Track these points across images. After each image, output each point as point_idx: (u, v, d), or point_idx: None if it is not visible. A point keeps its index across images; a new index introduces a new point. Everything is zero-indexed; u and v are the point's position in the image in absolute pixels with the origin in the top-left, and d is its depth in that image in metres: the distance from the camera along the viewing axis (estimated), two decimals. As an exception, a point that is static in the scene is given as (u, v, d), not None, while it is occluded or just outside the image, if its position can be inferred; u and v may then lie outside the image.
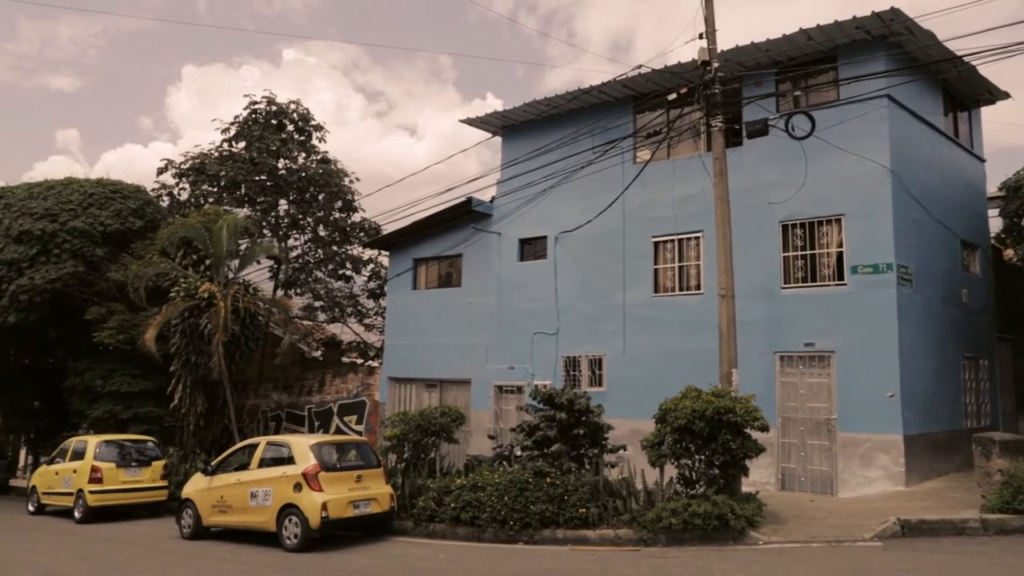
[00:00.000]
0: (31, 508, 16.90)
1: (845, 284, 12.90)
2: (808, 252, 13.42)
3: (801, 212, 13.38)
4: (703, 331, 13.49)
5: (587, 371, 15.56)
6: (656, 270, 15.13)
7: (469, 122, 17.69)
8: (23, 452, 27.71)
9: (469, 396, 17.18)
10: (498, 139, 18.00)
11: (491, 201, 17.59)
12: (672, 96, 12.91)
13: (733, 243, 12.09)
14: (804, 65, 13.61)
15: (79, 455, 15.92)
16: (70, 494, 15.54)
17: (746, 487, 11.13)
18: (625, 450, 12.41)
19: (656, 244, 15.16)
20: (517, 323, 16.61)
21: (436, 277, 19.00)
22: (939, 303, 13.92)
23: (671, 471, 10.89)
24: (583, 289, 15.87)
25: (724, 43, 12.84)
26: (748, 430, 10.38)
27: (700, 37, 12.17)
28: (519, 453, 12.92)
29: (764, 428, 10.36)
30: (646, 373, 14.41)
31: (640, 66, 14.19)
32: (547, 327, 16.14)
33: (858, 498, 11.99)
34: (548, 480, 11.12)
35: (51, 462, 16.99)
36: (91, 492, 15.11)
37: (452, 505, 11.53)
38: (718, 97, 11.95)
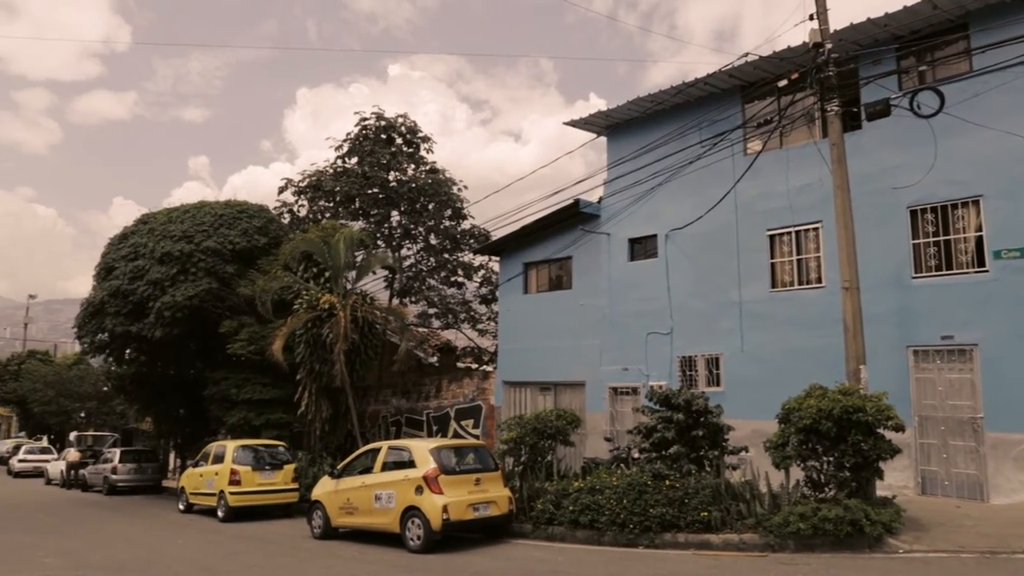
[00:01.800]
0: (181, 507, 18.27)
1: (987, 271, 11.91)
2: (941, 238, 12.49)
3: (932, 195, 12.48)
4: (826, 326, 12.84)
5: (704, 371, 15.14)
6: (773, 264, 14.54)
7: (573, 124, 17.64)
8: (172, 455, 29.99)
9: (584, 398, 17.09)
10: (603, 139, 17.85)
11: (598, 202, 17.46)
12: (783, 82, 12.38)
13: (856, 232, 11.44)
14: (929, 37, 12.69)
15: (219, 459, 17.06)
16: (213, 495, 16.68)
17: (881, 491, 10.48)
18: (747, 451, 11.98)
19: (772, 237, 14.56)
20: (630, 324, 16.39)
21: (547, 280, 19.04)
22: (1099, 287, 12.59)
23: (797, 473, 10.42)
24: (696, 287, 15.47)
25: (837, 22, 12.20)
26: (880, 430, 9.77)
27: (811, 18, 11.62)
28: (636, 455, 12.74)
29: (899, 428, 9.71)
30: (766, 372, 13.86)
31: (747, 54, 13.70)
32: (660, 327, 15.83)
33: (1014, 505, 11.01)
34: (667, 483, 10.91)
35: (196, 465, 18.32)
36: (231, 493, 16.15)
37: (570, 508, 11.50)
38: (833, 80, 11.34)
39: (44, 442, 41.30)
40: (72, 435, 37.99)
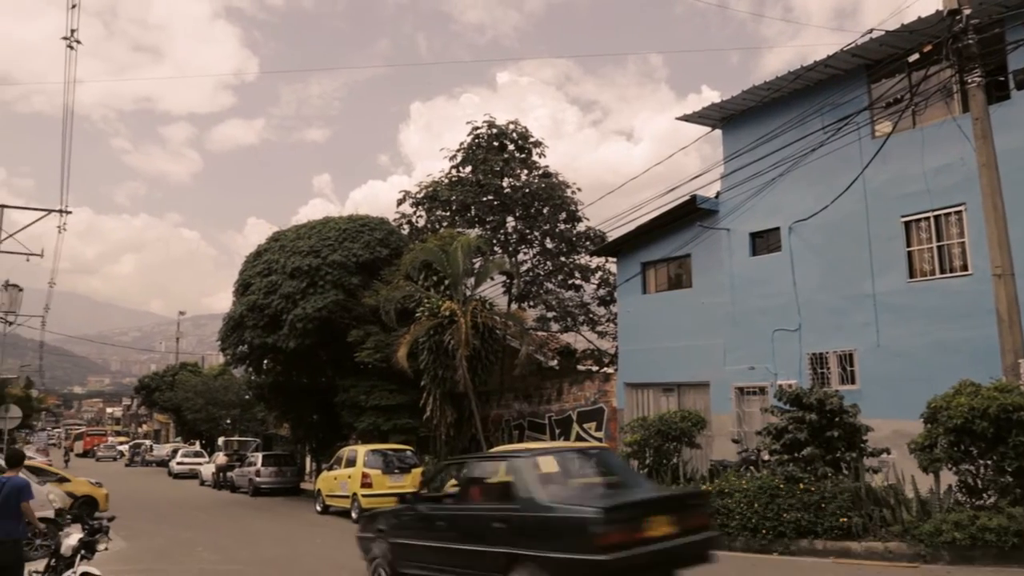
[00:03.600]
0: (318, 508, 19.23)
1: None
2: (1110, 215, 11.21)
3: (1096, 168, 11.24)
4: (974, 317, 11.83)
5: (836, 368, 14.33)
6: (910, 252, 13.56)
7: (686, 118, 17.21)
8: (308, 459, 31.63)
9: (708, 399, 16.60)
10: (718, 132, 17.29)
11: (716, 197, 16.93)
12: (913, 57, 11.54)
13: (1007, 213, 10.48)
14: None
15: (351, 463, 17.83)
16: (347, 497, 17.45)
17: (1049, 496, 9.51)
18: (888, 453, 11.24)
19: (907, 224, 13.59)
20: (754, 321, 15.77)
21: (665, 279, 18.65)
22: None
23: (948, 478, 9.65)
24: (824, 280, 14.67)
25: (976, -13, 11.22)
26: (1047, 430, 8.88)
27: (944, -15, 10.76)
28: (766, 457, 12.25)
29: (1068, 427, 8.79)
30: (907, 368, 12.93)
31: (871, 30, 12.84)
32: (787, 323, 15.13)
33: None
34: (801, 486, 10.41)
35: (330, 468, 19.22)
36: (363, 496, 16.83)
37: (698, 512, 11.18)
38: (973, 48, 10.46)
39: (197, 446, 44.71)
40: (220, 440, 40.90)
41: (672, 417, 14.00)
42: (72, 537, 7.39)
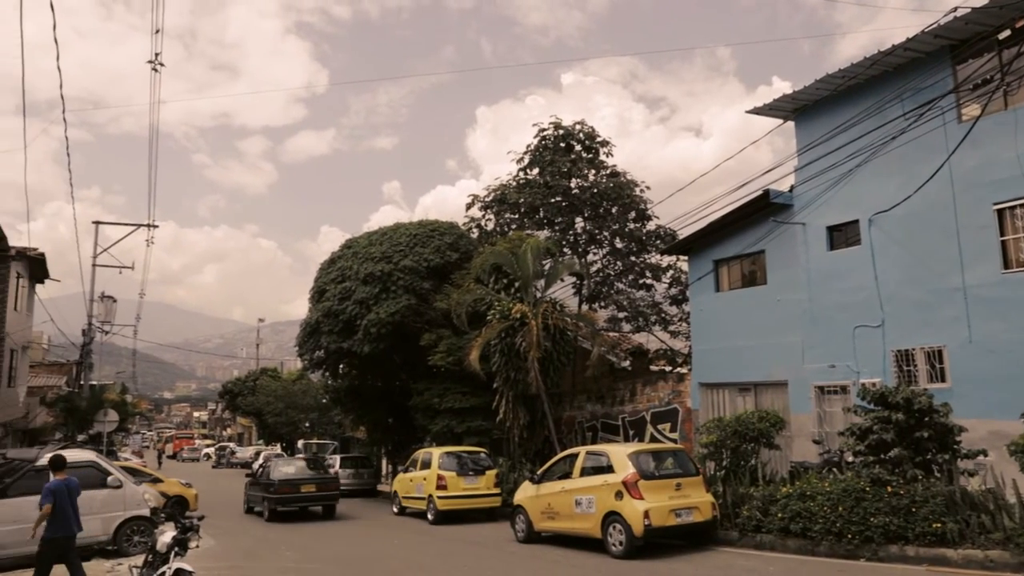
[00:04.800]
0: (395, 510, 19.57)
1: None
2: None
3: None
4: (1079, 309, 11.10)
5: (924, 365, 13.68)
6: (1004, 242, 12.84)
7: (756, 111, 16.77)
8: (384, 461, 32.23)
9: (787, 399, 16.12)
10: (790, 124, 16.79)
11: (790, 190, 16.44)
12: (1004, 34, 10.94)
13: (1111, 198, 9.80)
14: None
15: (427, 465, 18.07)
16: (423, 499, 17.69)
17: None
18: (985, 455, 10.66)
19: (1000, 211, 12.87)
20: (833, 317, 15.23)
21: (739, 277, 18.22)
22: None
23: (1052, 480, 9.09)
24: (908, 273, 14.04)
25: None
26: None
27: (1035, -41, 10.16)
28: (850, 459, 11.82)
29: None
30: (1004, 364, 12.23)
31: (955, 9, 12.22)
32: (869, 319, 14.55)
33: None
34: (889, 489, 10.01)
35: (406, 470, 19.53)
36: (439, 497, 17.04)
37: (779, 515, 10.90)
38: (1069, 24, 9.84)
39: (278, 449, 46.17)
40: (300, 443, 42.10)
41: (749, 417, 13.66)
42: (166, 535, 7.77)
